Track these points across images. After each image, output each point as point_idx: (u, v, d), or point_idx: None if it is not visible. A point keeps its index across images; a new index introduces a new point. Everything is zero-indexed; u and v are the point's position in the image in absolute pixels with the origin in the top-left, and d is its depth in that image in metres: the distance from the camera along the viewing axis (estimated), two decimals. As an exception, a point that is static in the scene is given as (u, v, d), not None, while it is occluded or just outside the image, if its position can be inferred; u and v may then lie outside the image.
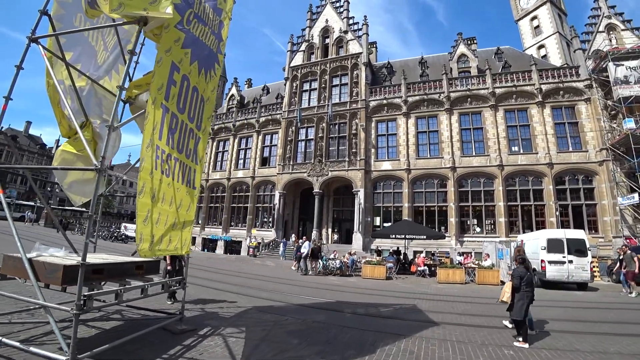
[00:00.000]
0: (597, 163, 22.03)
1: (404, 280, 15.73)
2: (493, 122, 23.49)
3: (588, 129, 22.64)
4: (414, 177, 24.27)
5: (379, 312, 8.28)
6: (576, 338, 6.09)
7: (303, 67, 30.05)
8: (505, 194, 22.42)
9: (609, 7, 25.87)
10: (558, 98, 23.52)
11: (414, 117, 25.28)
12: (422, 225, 21.93)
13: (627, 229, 21.05)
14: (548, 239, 14.38)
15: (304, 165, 26.97)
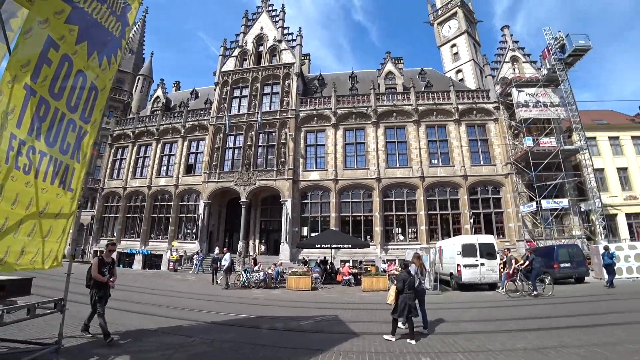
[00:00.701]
0: (504, 175, 24.41)
1: (329, 290, 15.51)
2: (416, 137, 24.96)
3: (496, 146, 25.10)
4: (341, 188, 24.58)
5: (299, 325, 7.91)
6: (487, 338, 6.31)
7: (235, 73, 29.33)
8: (426, 204, 23.69)
9: (513, 41, 29.70)
10: (472, 117, 25.81)
11: (343, 128, 25.86)
12: (347, 234, 22.17)
13: (527, 233, 23.44)
14: (463, 245, 15.28)
15: (231, 173, 25.92)
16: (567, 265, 16.44)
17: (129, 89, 38.20)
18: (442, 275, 16.84)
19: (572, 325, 7.24)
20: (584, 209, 24.99)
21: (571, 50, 23.97)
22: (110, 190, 30.23)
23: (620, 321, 7.54)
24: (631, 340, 5.88)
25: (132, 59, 40.38)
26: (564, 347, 5.57)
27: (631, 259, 17.15)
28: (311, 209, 24.93)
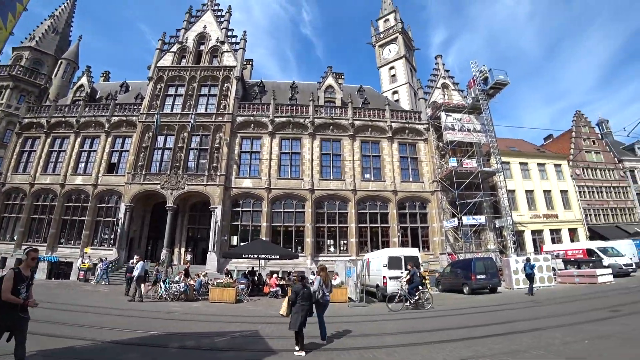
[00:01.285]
0: (430, 192, 26.01)
1: (255, 303, 15.03)
2: (350, 150, 25.69)
3: (424, 164, 26.74)
4: (274, 197, 24.34)
5: (213, 343, 7.39)
6: (410, 350, 6.39)
7: (171, 69, 27.84)
8: (357, 217, 24.36)
9: (445, 70, 32.17)
10: (404, 136, 27.24)
11: (279, 137, 25.75)
12: (276, 244, 21.94)
13: (449, 247, 25.12)
14: (389, 257, 15.79)
15: (159, 176, 24.34)
16: (483, 276, 17.47)
17: (48, 73, 34.26)
18: (369, 287, 17.21)
19: (486, 334, 7.53)
20: (498, 226, 27.46)
21: (492, 83, 26.46)
22: (13, 186, 26.60)
23: (527, 328, 8.03)
24: (536, 347, 6.27)
25: (56, 40, 36.34)
26: (479, 357, 5.75)
27: (535, 269, 18.95)
28: (242, 217, 24.26)
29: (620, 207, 37.10)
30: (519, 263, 18.95)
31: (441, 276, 20.64)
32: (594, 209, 35.55)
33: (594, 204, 35.70)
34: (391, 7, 40.68)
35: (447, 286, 19.40)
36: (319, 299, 7.30)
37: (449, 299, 16.10)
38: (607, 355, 5.52)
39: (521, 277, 18.53)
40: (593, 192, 36.32)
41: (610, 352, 5.63)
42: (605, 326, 7.70)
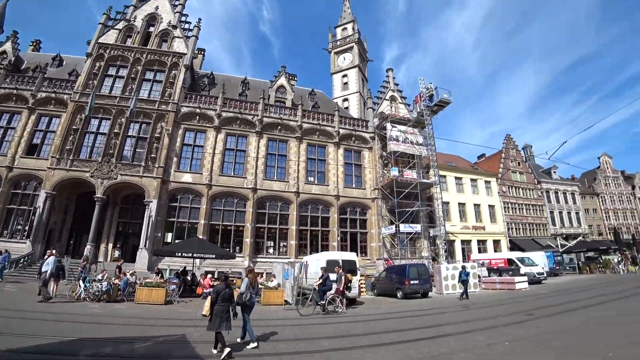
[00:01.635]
0: (371, 199, 26.97)
1: (186, 305, 14.14)
2: (296, 152, 25.81)
3: (368, 172, 27.68)
4: (214, 194, 23.64)
5: (132, 350, 6.73)
6: (344, 355, 6.37)
7: (115, 48, 25.77)
8: (298, 219, 24.52)
9: (395, 84, 33.70)
10: (350, 143, 27.99)
11: (225, 132, 25.08)
12: (213, 243, 21.22)
13: (386, 252, 26.21)
14: (327, 260, 15.78)
15: (89, 163, 22.41)
16: (416, 282, 18.39)
17: (-39, 36, 30.10)
18: (307, 290, 17.39)
19: (418, 337, 7.77)
20: (432, 234, 29.23)
21: (437, 100, 28.13)
22: None
23: (455, 331, 8.42)
24: (463, 349, 6.55)
25: (-27, -3, 32.06)
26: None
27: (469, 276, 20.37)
28: (179, 213, 23.18)
29: (536, 223, 41.48)
30: (449, 270, 20.37)
31: (377, 281, 21.37)
32: (515, 223, 39.36)
33: (515, 219, 39.51)
34: (350, 17, 41.71)
35: (382, 290, 20.16)
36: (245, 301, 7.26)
37: (384, 302, 16.73)
38: (524, 356, 6.01)
39: (450, 283, 19.91)
40: (515, 208, 40.18)
41: (527, 353, 6.14)
42: (522, 329, 8.40)
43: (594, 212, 49.09)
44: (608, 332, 7.72)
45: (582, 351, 6.14)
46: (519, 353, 6.15)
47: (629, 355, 5.78)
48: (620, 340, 6.80)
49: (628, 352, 5.92)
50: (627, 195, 53.15)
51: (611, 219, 49.91)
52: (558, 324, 8.86)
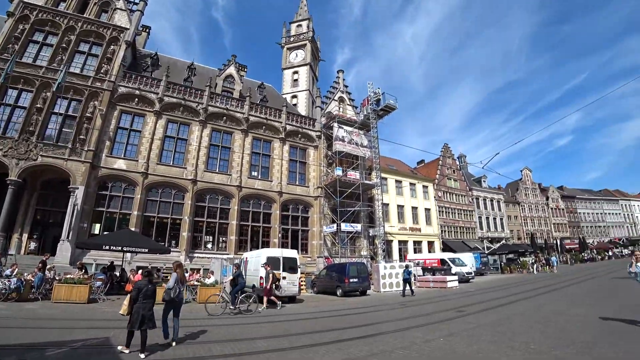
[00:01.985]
0: (314, 197, 27.40)
1: (112, 303, 12.87)
2: (241, 146, 25.35)
3: (312, 170, 28.06)
4: (150, 184, 22.26)
5: (43, 357, 5.95)
6: (282, 356, 6.18)
7: (44, 10, 22.77)
8: (239, 214, 24.14)
9: (344, 85, 34.54)
10: (296, 140, 28.18)
11: (166, 118, 23.73)
12: (146, 237, 20.01)
13: (327, 250, 26.79)
14: (268, 257, 15.54)
15: (2, 139, 20.00)
16: (356, 280, 18.97)
17: None
18: (246, 288, 17.03)
19: (358, 335, 7.82)
20: (371, 234, 30.45)
21: (384, 105, 29.35)
22: None
23: (393, 329, 8.64)
24: (402, 346, 6.76)
25: None
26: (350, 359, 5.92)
27: (399, 275, 21.17)
28: (109, 202, 21.44)
29: (466, 227, 45.13)
30: (387, 269, 21.39)
31: (317, 278, 21.79)
32: (448, 226, 42.44)
33: (448, 222, 42.60)
34: (306, 15, 41.91)
35: (321, 288, 20.59)
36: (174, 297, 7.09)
37: (324, 300, 17.06)
38: (458, 350, 6.37)
39: (388, 282, 20.91)
40: (449, 213, 43.34)
41: (460, 347, 6.52)
42: (455, 325, 8.98)
43: (515, 218, 54.55)
44: (529, 324, 8.55)
45: (509, 344, 6.70)
46: (454, 348, 6.52)
47: (548, 345, 6.47)
48: (538, 333, 7.51)
49: (547, 342, 6.68)
50: (542, 205, 59.85)
51: (528, 225, 55.87)
52: (486, 319, 9.63)
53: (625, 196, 78.05)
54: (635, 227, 75.85)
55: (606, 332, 7.34)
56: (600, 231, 68.63)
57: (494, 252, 41.19)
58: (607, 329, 7.63)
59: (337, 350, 6.54)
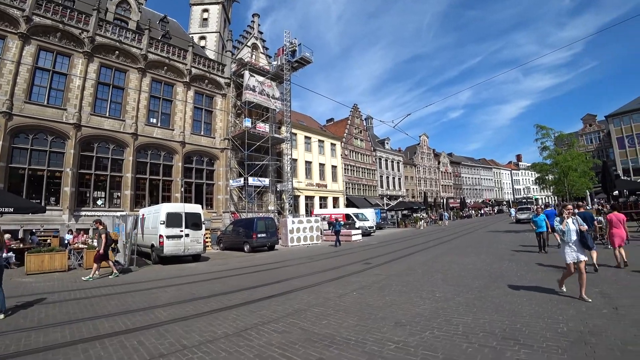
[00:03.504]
0: (220, 150, 26.79)
1: None
2: (137, 87, 22.88)
3: (219, 120, 27.19)
4: (17, 127, 18.36)
5: None
6: (186, 327, 5.50)
7: None
8: (135, 166, 22.34)
9: (259, 31, 33.12)
10: (203, 86, 26.65)
11: (37, 45, 19.49)
12: (14, 194, 16.65)
13: (233, 205, 26.89)
14: (168, 213, 14.76)
15: None
16: (264, 235, 19.54)
17: None
18: (143, 248, 16.11)
19: (268, 295, 7.66)
20: (279, 189, 31.38)
21: (299, 57, 29.23)
22: None
23: (304, 284, 8.74)
24: (316, 303, 6.80)
25: None
26: (264, 323, 5.59)
27: (307, 230, 22.86)
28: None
29: (369, 185, 49.40)
30: (294, 224, 22.56)
31: (223, 234, 21.96)
32: (352, 183, 45.89)
33: (352, 180, 46.00)
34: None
35: (228, 244, 20.83)
36: None
37: (230, 257, 17.21)
38: (373, 303, 6.64)
39: (296, 236, 22.13)
40: (353, 171, 46.68)
41: (374, 300, 6.84)
42: (364, 277, 9.50)
43: (411, 179, 61.38)
44: (430, 274, 9.45)
45: (417, 293, 7.27)
46: (368, 301, 6.80)
47: (451, 293, 7.16)
48: (441, 282, 8.34)
49: (450, 290, 7.42)
50: (434, 169, 68.43)
51: (422, 186, 63.58)
52: (392, 270, 10.46)
53: (497, 165, 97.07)
54: (501, 191, 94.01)
55: (493, 277, 8.54)
56: (477, 193, 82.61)
57: (392, 209, 46.45)
58: (493, 274, 8.90)
59: (249, 313, 6.21)
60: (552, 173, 30.98)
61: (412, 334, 4.71)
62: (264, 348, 4.43)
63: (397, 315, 5.69)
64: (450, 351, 3.99)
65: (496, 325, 4.86)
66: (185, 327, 5.44)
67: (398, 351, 4.09)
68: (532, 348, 3.93)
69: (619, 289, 6.65)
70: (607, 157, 50.32)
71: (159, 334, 5.10)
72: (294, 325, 5.41)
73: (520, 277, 8.34)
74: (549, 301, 6.02)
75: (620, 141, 53.51)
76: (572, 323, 4.72)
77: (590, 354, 3.64)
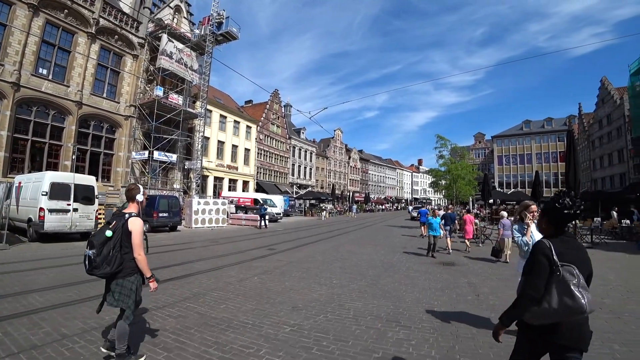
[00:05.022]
0: (124, 117, 24.49)
1: None
2: (25, 26, 19.16)
3: (126, 83, 24.75)
4: None
5: None
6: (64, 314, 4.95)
7: None
8: (13, 122, 18.94)
9: (184, -8, 30.27)
10: (112, 41, 23.84)
11: None
12: None
13: (134, 180, 24.98)
14: (53, 183, 12.91)
15: None
16: (166, 214, 18.79)
17: None
18: (17, 222, 14.04)
19: (166, 278, 7.34)
20: (187, 167, 30.00)
21: (224, 30, 28.05)
22: None
23: (206, 268, 8.74)
24: (216, 287, 6.82)
25: None
26: (158, 308, 5.39)
27: (213, 212, 22.44)
28: None
29: (280, 172, 50.06)
30: (200, 205, 21.97)
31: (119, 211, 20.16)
32: (264, 169, 46.01)
33: (265, 165, 46.11)
34: None
35: None
36: None
37: None
38: (272, 288, 6.92)
39: (200, 218, 21.60)
40: (267, 156, 46.80)
41: (274, 285, 7.11)
42: (267, 262, 9.75)
43: (322, 170, 63.78)
44: (330, 262, 10.19)
45: (316, 279, 7.78)
46: (268, 286, 7.03)
47: (346, 280, 7.81)
48: (339, 270, 8.97)
49: (346, 277, 8.09)
50: (344, 163, 72.18)
51: (332, 178, 66.56)
52: (294, 257, 10.97)
53: (401, 167, 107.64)
54: (402, 190, 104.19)
55: (385, 267, 9.55)
56: (380, 190, 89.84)
57: (301, 197, 47.85)
58: (385, 265, 9.90)
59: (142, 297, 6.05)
60: (444, 179, 36.09)
61: (307, 317, 5.11)
62: (157, 333, 4.34)
63: (295, 300, 6.06)
64: (341, 332, 4.54)
65: (382, 309, 5.65)
66: (66, 315, 4.92)
67: (292, 334, 4.44)
68: (409, 329, 4.74)
69: (482, 279, 8.18)
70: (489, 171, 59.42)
71: (32, 323, 4.54)
72: (190, 309, 5.37)
73: (408, 268, 9.58)
74: (428, 289, 7.18)
75: (499, 159, 64.74)
76: (444, 308, 5.77)
77: (455, 332, 4.57)
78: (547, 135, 60.97)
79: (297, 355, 3.82)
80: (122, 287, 3.37)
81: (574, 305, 1.94)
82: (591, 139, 47.64)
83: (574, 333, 2.03)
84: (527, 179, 57.31)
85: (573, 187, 15.00)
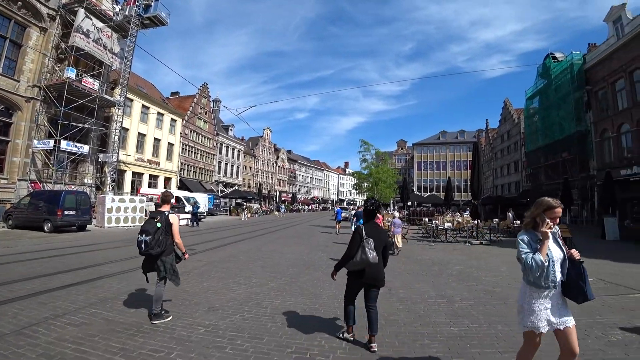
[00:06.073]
0: (25, 99, 21.41)
1: None
2: None
3: (30, 59, 21.65)
4: None
5: None
6: None
7: None
8: None
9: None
10: (14, 8, 20.57)
11: None
12: None
13: (35, 172, 22.01)
14: None
15: None
16: (72, 212, 16.87)
17: None
18: None
19: (68, 283, 6.79)
20: (101, 160, 27.24)
21: (152, 14, 26.07)
22: None
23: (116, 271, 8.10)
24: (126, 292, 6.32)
25: None
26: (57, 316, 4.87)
27: (130, 210, 20.75)
28: None
29: (206, 169, 48.07)
30: (115, 202, 20.15)
31: (15, 208, 17.96)
32: (188, 165, 43.78)
33: (189, 161, 43.86)
34: None
35: (22, 221, 17.20)
36: None
37: (23, 237, 14.24)
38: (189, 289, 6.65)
39: (114, 216, 19.81)
40: (192, 152, 44.61)
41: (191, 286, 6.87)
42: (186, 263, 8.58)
43: (250, 169, 62.69)
44: (251, 261, 10.09)
45: (235, 279, 7.68)
46: (184, 287, 6.55)
47: (266, 278, 7.79)
48: (259, 269, 8.98)
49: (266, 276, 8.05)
50: (272, 162, 71.90)
51: (259, 177, 65.70)
52: (215, 257, 10.75)
53: (328, 168, 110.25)
54: (328, 191, 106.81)
55: (306, 265, 9.78)
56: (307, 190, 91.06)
57: (227, 196, 46.40)
58: (307, 263, 10.16)
59: (39, 306, 5.28)
60: (367, 181, 38.48)
61: (223, 317, 5.05)
62: (53, 345, 3.86)
63: (212, 301, 5.95)
64: (256, 331, 4.58)
65: (300, 306, 5.79)
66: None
67: (207, 334, 4.36)
68: (325, 322, 4.97)
69: (395, 275, 8.56)
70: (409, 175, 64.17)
71: None
72: (96, 315, 4.95)
73: (328, 265, 9.64)
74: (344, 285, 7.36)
75: (418, 165, 70.55)
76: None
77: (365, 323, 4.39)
78: (460, 146, 67.86)
79: (209, 355, 3.75)
80: (165, 263, 4.79)
81: (366, 259, 3.83)
82: (495, 151, 55.52)
83: (372, 276, 3.99)
84: (442, 184, 62.55)
85: (476, 192, 17.53)
